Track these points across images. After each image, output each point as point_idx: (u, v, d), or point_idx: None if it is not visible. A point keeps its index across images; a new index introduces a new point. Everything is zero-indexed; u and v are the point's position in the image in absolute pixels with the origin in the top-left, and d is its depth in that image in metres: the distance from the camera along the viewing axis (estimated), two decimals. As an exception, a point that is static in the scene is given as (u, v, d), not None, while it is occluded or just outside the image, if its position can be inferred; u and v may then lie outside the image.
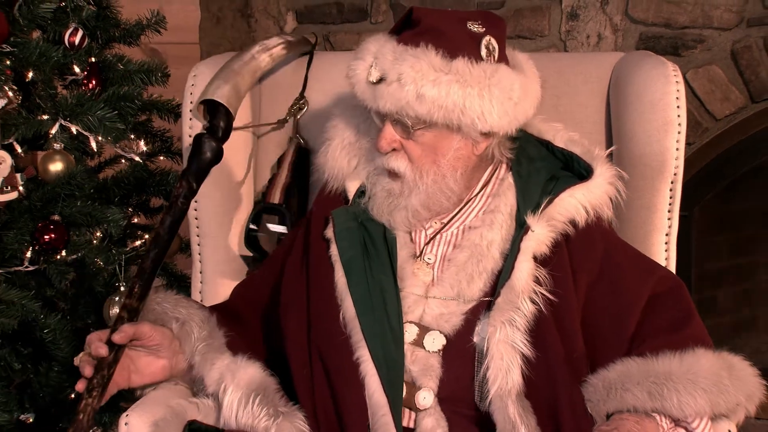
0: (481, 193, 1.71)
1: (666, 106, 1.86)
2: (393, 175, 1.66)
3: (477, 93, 1.58)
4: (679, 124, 1.86)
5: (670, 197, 1.89)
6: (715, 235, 2.77)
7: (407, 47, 1.60)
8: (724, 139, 2.66)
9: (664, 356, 1.55)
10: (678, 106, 1.86)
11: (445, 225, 1.70)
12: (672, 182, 1.89)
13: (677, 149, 1.87)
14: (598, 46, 2.67)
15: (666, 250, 1.90)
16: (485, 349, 1.55)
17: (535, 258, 1.60)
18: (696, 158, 2.65)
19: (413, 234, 1.72)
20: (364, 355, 1.59)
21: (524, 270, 1.58)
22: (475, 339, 1.61)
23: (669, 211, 1.90)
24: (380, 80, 1.60)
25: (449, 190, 1.66)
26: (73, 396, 2.27)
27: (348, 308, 1.63)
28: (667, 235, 1.91)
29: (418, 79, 1.56)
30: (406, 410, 1.61)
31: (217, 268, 2.00)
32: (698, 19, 2.59)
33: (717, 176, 2.71)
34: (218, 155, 1.83)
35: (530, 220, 1.62)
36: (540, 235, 1.61)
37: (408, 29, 1.64)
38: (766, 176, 2.75)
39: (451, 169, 1.64)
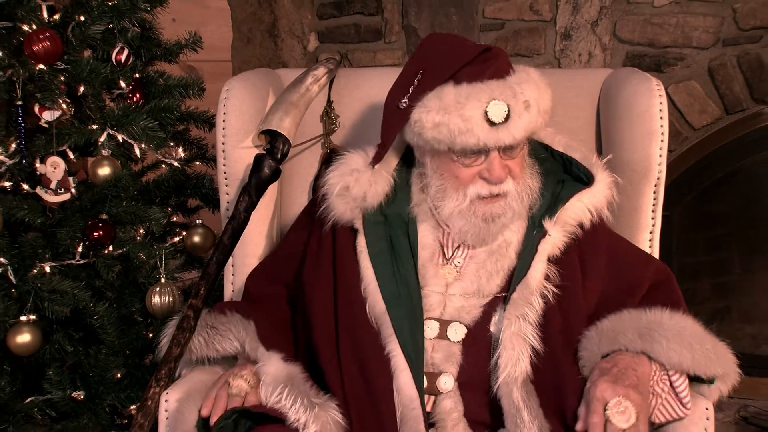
0: None
1: (650, 117, 1.86)
2: (496, 197, 1.59)
3: (550, 94, 1.60)
4: (662, 134, 1.86)
5: (654, 199, 1.89)
6: (693, 233, 2.76)
7: (508, 77, 1.55)
8: (702, 147, 2.66)
9: (655, 309, 1.56)
10: (661, 117, 1.86)
11: None
12: (656, 186, 1.88)
13: (660, 156, 1.86)
14: (589, 63, 2.66)
15: (650, 247, 1.90)
16: (499, 341, 1.54)
17: (548, 258, 1.59)
18: (676, 164, 2.65)
19: (442, 237, 1.67)
20: (395, 350, 1.56)
21: (539, 270, 1.58)
22: (492, 329, 1.59)
23: (653, 212, 1.89)
24: (507, 117, 1.52)
25: (535, 186, 1.65)
26: (119, 375, 2.29)
27: (377, 302, 1.59)
28: (651, 233, 1.91)
29: (537, 98, 1.55)
30: (427, 395, 1.59)
31: (246, 261, 2.00)
32: (679, 40, 2.59)
33: (695, 180, 2.70)
34: (276, 174, 1.87)
35: (547, 224, 1.61)
36: (555, 239, 1.60)
37: (489, 64, 1.56)
38: (739, 181, 2.74)
39: (529, 170, 1.65)
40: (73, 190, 2.25)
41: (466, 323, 1.60)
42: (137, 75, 2.39)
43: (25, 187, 2.25)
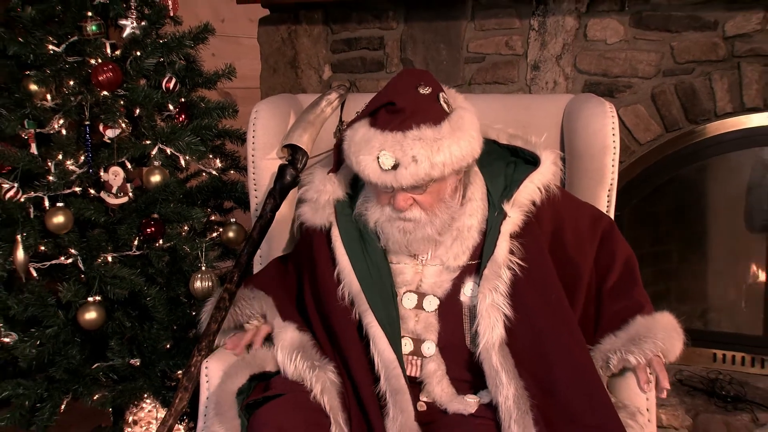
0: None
1: (604, 135, 1.86)
2: (405, 219, 1.55)
3: (467, 141, 1.52)
4: (614, 148, 1.86)
5: (608, 201, 1.89)
6: (639, 229, 2.77)
7: (406, 132, 1.48)
8: (646, 159, 2.66)
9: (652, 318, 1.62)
10: (613, 135, 1.86)
11: None
12: (609, 190, 1.88)
13: (613, 166, 1.86)
14: (554, 90, 2.67)
15: (605, 240, 1.90)
16: (477, 312, 1.52)
17: (510, 235, 1.57)
18: (625, 173, 2.65)
19: None
20: (371, 322, 1.55)
21: (503, 247, 1.55)
22: (461, 298, 1.58)
23: (607, 212, 1.89)
24: (395, 166, 1.47)
25: (452, 212, 1.58)
26: (168, 346, 2.29)
27: (353, 283, 1.58)
28: (605, 229, 1.90)
29: (428, 154, 1.46)
30: (415, 359, 1.58)
31: (270, 253, 2.01)
32: (627, 71, 2.59)
33: (641, 186, 2.71)
34: (296, 181, 1.87)
35: (506, 207, 1.58)
36: (514, 219, 1.58)
37: (395, 116, 1.51)
38: (677, 187, 2.75)
39: (451, 198, 1.58)
40: (130, 194, 2.26)
41: (438, 296, 1.59)
42: (183, 99, 2.40)
43: (92, 191, 2.25)
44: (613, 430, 1.43)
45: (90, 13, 2.24)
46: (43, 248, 2.22)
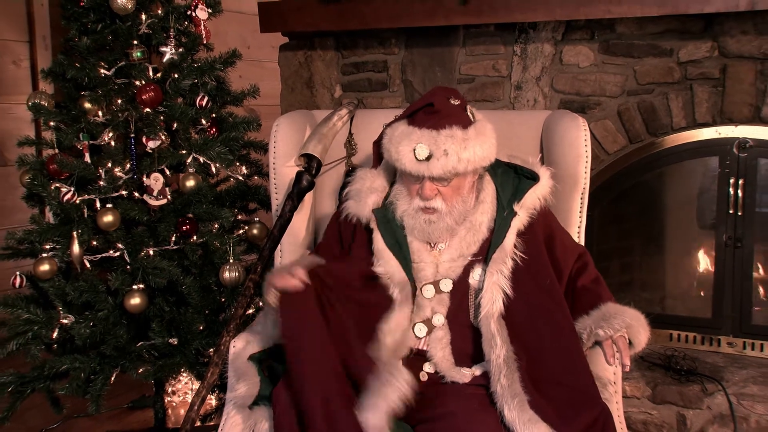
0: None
1: (578, 145, 1.87)
2: (429, 210, 1.60)
3: (488, 145, 1.58)
4: (586, 157, 1.87)
5: (581, 203, 1.90)
6: (607, 227, 2.77)
7: (440, 130, 1.54)
8: (614, 166, 2.67)
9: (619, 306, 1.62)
10: (585, 145, 1.87)
11: None
12: (582, 194, 1.89)
13: (585, 173, 1.88)
14: (534, 106, 2.67)
15: (578, 236, 1.91)
16: (482, 288, 1.57)
17: (516, 232, 1.62)
18: (596, 178, 2.66)
19: None
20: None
21: (511, 240, 1.60)
22: (470, 281, 1.62)
23: (580, 212, 1.90)
24: (429, 157, 1.53)
25: (467, 206, 1.63)
26: (201, 328, 2.30)
27: (397, 273, 1.60)
28: (579, 227, 1.91)
29: (458, 150, 1.53)
30: (425, 337, 1.60)
31: (290, 248, 2.01)
32: (597, 90, 2.60)
33: (609, 190, 2.71)
34: (311, 185, 1.88)
35: (516, 207, 1.64)
36: (521, 218, 1.63)
37: (431, 117, 1.57)
38: (639, 190, 2.75)
39: (468, 194, 1.63)
40: (168, 197, 2.26)
41: (452, 278, 1.62)
42: (214, 115, 2.41)
43: (136, 194, 2.26)
44: (593, 392, 1.47)
45: (135, 42, 2.26)
46: (95, 243, 2.23)
